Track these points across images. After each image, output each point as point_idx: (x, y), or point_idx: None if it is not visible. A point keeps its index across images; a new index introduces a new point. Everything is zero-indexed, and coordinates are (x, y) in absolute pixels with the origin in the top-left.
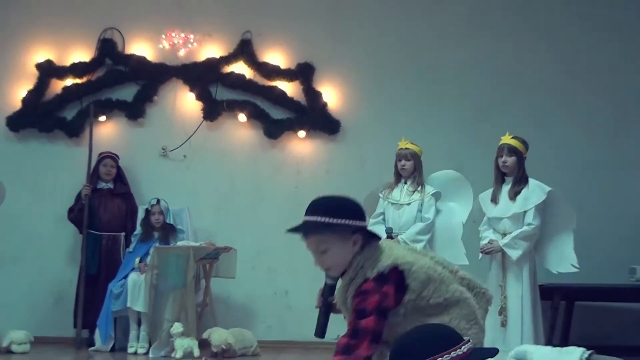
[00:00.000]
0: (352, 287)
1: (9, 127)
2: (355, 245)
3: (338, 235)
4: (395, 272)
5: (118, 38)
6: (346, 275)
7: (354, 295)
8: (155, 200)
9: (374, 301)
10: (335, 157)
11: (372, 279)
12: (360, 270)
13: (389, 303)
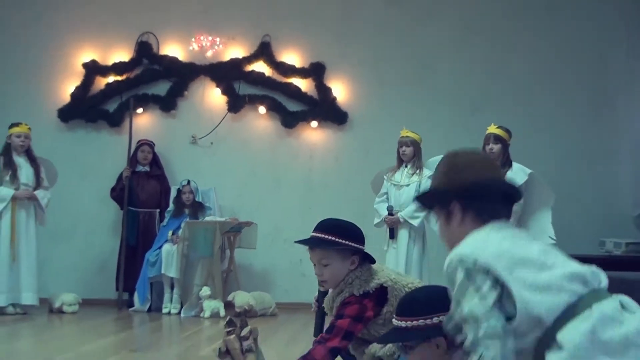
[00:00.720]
0: (339, 299)
1: (60, 118)
2: (352, 264)
3: (340, 253)
4: (381, 288)
5: (153, 41)
6: (337, 287)
7: (339, 305)
8: (186, 182)
9: (353, 309)
10: (343, 145)
11: (356, 295)
12: (349, 286)
13: (367, 313)
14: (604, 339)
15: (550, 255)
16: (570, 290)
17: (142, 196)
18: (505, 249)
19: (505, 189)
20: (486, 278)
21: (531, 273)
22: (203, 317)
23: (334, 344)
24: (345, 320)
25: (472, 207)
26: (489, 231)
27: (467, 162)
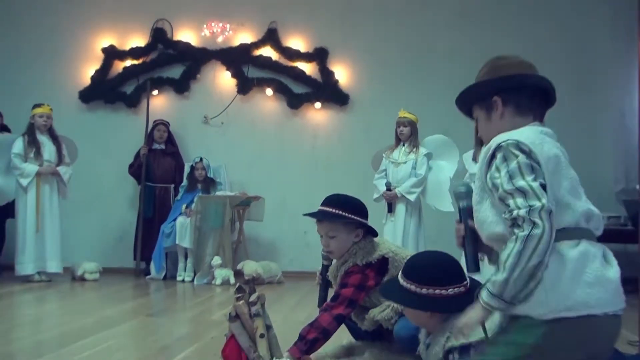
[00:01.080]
0: (343, 268)
1: (81, 99)
2: (356, 237)
3: (346, 226)
4: (382, 259)
5: (168, 27)
6: (342, 258)
7: (342, 274)
8: (198, 159)
9: (356, 278)
10: (345, 125)
11: (359, 265)
12: (352, 257)
13: (368, 282)
14: (586, 272)
15: (579, 185)
16: (575, 217)
17: (158, 172)
18: (556, 157)
19: (542, 86)
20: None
21: (564, 185)
22: (214, 284)
23: (339, 311)
24: (349, 289)
25: (512, 101)
26: (541, 132)
27: (508, 62)
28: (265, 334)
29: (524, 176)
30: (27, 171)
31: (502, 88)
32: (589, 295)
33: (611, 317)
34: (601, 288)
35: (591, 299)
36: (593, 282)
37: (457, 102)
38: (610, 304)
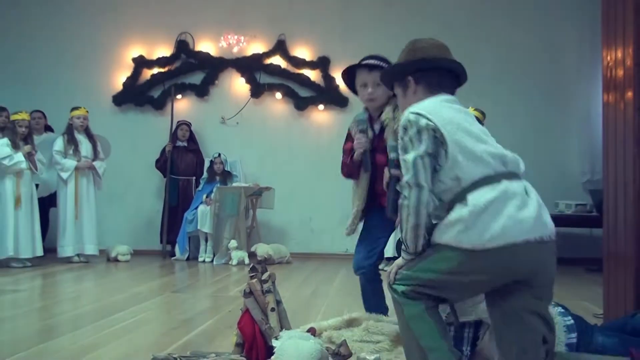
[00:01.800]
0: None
1: (114, 103)
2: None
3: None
4: None
5: (190, 39)
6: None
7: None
8: (217, 154)
9: None
10: (344, 124)
11: None
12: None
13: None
14: (501, 209)
15: (487, 135)
16: (490, 165)
17: (181, 166)
18: (455, 118)
19: (451, 67)
20: (431, 136)
21: (469, 141)
22: (231, 264)
23: None
24: None
25: (423, 80)
26: (441, 101)
27: (422, 45)
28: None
29: (412, 148)
30: (67, 166)
31: (416, 69)
32: (504, 229)
33: (533, 244)
34: (517, 222)
35: (507, 232)
36: (510, 217)
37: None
38: (529, 233)
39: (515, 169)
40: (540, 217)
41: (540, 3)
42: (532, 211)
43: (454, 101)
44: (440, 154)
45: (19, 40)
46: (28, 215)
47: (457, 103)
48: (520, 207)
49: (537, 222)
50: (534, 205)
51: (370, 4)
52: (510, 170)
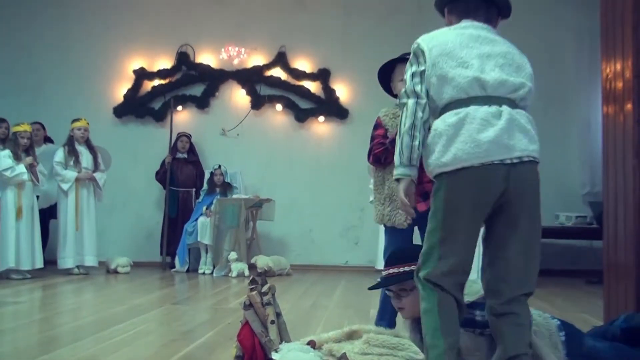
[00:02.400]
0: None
1: (115, 114)
2: None
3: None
4: None
5: (191, 51)
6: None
7: None
8: (217, 166)
9: None
10: (345, 136)
11: None
12: None
13: None
14: (457, 133)
15: (480, 60)
16: (462, 89)
17: (181, 178)
18: (447, 42)
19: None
20: (419, 58)
21: (448, 64)
22: (231, 276)
23: None
24: None
25: (453, 11)
26: (454, 28)
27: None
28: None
29: (411, 66)
30: (67, 177)
31: (445, 2)
32: (459, 151)
33: (493, 165)
34: (473, 144)
35: (462, 155)
36: (465, 140)
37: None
38: (486, 156)
39: (497, 92)
40: (500, 140)
41: (539, 14)
42: (490, 135)
43: (472, 27)
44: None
45: (20, 51)
46: (29, 227)
47: (476, 28)
48: (478, 130)
49: (496, 145)
50: (496, 129)
51: (370, 16)
52: (489, 95)
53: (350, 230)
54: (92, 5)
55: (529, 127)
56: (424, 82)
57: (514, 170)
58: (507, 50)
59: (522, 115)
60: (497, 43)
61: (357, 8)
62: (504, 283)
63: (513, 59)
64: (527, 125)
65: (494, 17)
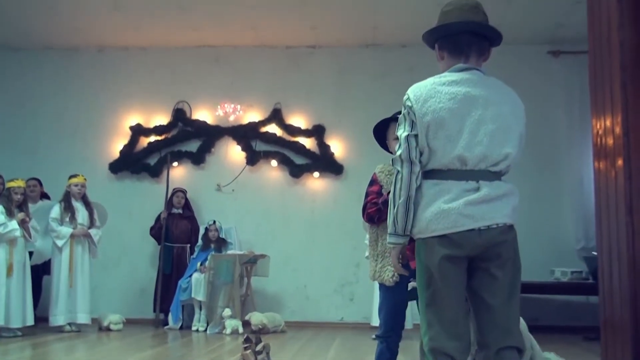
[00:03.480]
0: None
1: (110, 170)
2: None
3: None
4: None
5: (187, 108)
6: None
7: None
8: (212, 221)
9: None
10: (339, 191)
11: None
12: None
13: None
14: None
15: (469, 130)
16: (444, 164)
17: (176, 233)
18: (440, 109)
19: (468, 30)
20: (411, 120)
21: (438, 137)
22: (225, 333)
23: None
24: None
25: (444, 47)
26: (443, 84)
27: (447, 9)
28: None
29: (403, 126)
30: (62, 233)
31: (439, 36)
32: (430, 222)
33: (463, 232)
34: (442, 215)
35: (432, 225)
36: (436, 211)
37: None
38: (454, 226)
39: (478, 167)
40: (469, 212)
41: (529, 71)
42: (460, 207)
43: (465, 82)
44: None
45: (16, 107)
46: (20, 284)
47: (469, 84)
48: (449, 202)
49: (463, 216)
50: (467, 202)
51: (364, 75)
52: (469, 169)
53: (346, 286)
54: (88, 63)
55: (503, 196)
56: (418, 146)
57: (486, 233)
58: (499, 111)
59: (498, 186)
60: (489, 103)
61: (350, 68)
62: (490, 334)
63: (505, 121)
64: (502, 195)
65: (486, 50)
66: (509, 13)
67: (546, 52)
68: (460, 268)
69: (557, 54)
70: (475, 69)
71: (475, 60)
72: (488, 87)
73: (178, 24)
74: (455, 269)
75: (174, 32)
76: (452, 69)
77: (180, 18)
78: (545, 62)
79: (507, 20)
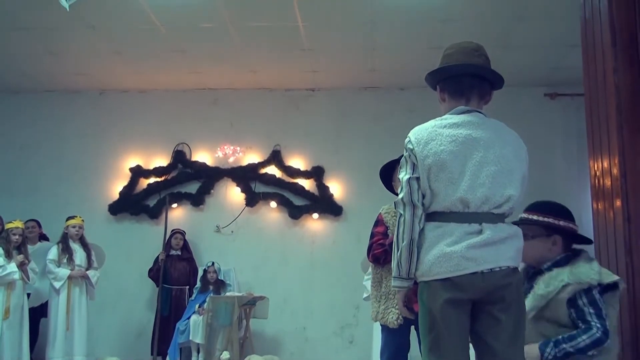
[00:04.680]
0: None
1: (109, 212)
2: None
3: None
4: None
5: (187, 150)
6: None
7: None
8: (211, 263)
9: None
10: (339, 233)
11: None
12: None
13: None
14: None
15: (471, 173)
16: (446, 207)
17: (175, 275)
18: (441, 152)
19: (468, 72)
20: (412, 163)
21: (439, 180)
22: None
23: None
24: None
25: (446, 88)
26: (444, 126)
27: (449, 52)
28: None
29: (404, 169)
30: (60, 275)
31: (437, 79)
32: (433, 265)
33: (466, 276)
34: (444, 258)
35: (435, 268)
36: (438, 254)
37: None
38: (457, 270)
39: (481, 209)
40: (471, 255)
41: (526, 114)
42: (462, 250)
43: (466, 125)
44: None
45: (16, 149)
46: (16, 326)
47: (470, 127)
48: (451, 245)
49: (466, 259)
50: (469, 244)
51: (362, 117)
52: (472, 211)
53: (345, 328)
54: (89, 105)
55: (506, 239)
56: (420, 188)
57: (489, 276)
58: (501, 153)
59: (501, 229)
60: (491, 145)
61: (349, 110)
62: None
63: (507, 162)
64: (505, 237)
65: (487, 93)
66: (506, 56)
67: (543, 95)
68: (463, 312)
69: (554, 96)
70: (476, 111)
71: (476, 103)
72: (489, 129)
73: (178, 67)
74: (459, 312)
75: (174, 75)
76: (453, 111)
77: (180, 61)
78: (542, 104)
79: (503, 63)
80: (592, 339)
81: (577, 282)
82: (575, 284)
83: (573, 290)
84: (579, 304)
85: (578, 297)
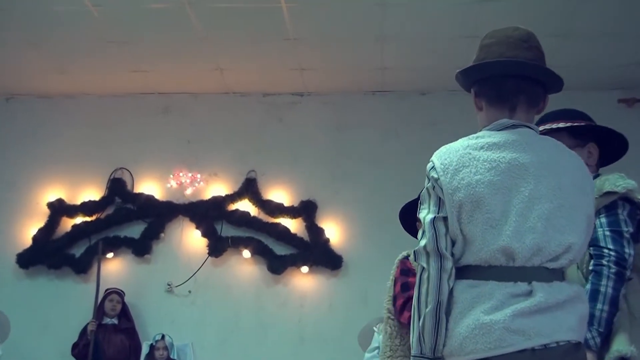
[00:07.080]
0: None
1: (18, 264)
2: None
3: None
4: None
5: (128, 177)
6: None
7: None
8: (159, 336)
9: None
10: (338, 292)
11: None
12: None
13: None
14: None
15: (518, 213)
16: (483, 259)
17: (109, 352)
18: (476, 184)
19: (510, 73)
20: (437, 198)
21: (474, 222)
22: None
23: None
24: None
25: (482, 92)
26: (471, 148)
27: (486, 42)
28: None
29: (427, 206)
30: None
31: (472, 80)
32: (466, 339)
33: (507, 356)
34: (481, 331)
35: (469, 344)
36: (473, 325)
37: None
38: (499, 346)
39: (530, 262)
40: (518, 327)
41: None
42: (506, 319)
43: (509, 145)
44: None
45: None
46: None
47: (514, 148)
48: (491, 312)
49: (511, 332)
50: (515, 312)
51: (368, 132)
52: (518, 266)
53: None
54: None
55: (566, 303)
56: (448, 232)
57: (543, 354)
58: (558, 184)
59: (559, 289)
60: (544, 174)
61: (351, 123)
62: None
63: (566, 198)
64: (564, 301)
65: (540, 99)
66: (566, 49)
67: (617, 100)
68: None
69: (632, 103)
70: (525, 126)
71: (525, 114)
72: (542, 152)
73: (116, 64)
74: None
75: (111, 75)
76: (492, 125)
77: (119, 56)
78: (616, 113)
79: (562, 58)
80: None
81: (598, 193)
82: (596, 198)
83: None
84: (595, 225)
85: (596, 215)
